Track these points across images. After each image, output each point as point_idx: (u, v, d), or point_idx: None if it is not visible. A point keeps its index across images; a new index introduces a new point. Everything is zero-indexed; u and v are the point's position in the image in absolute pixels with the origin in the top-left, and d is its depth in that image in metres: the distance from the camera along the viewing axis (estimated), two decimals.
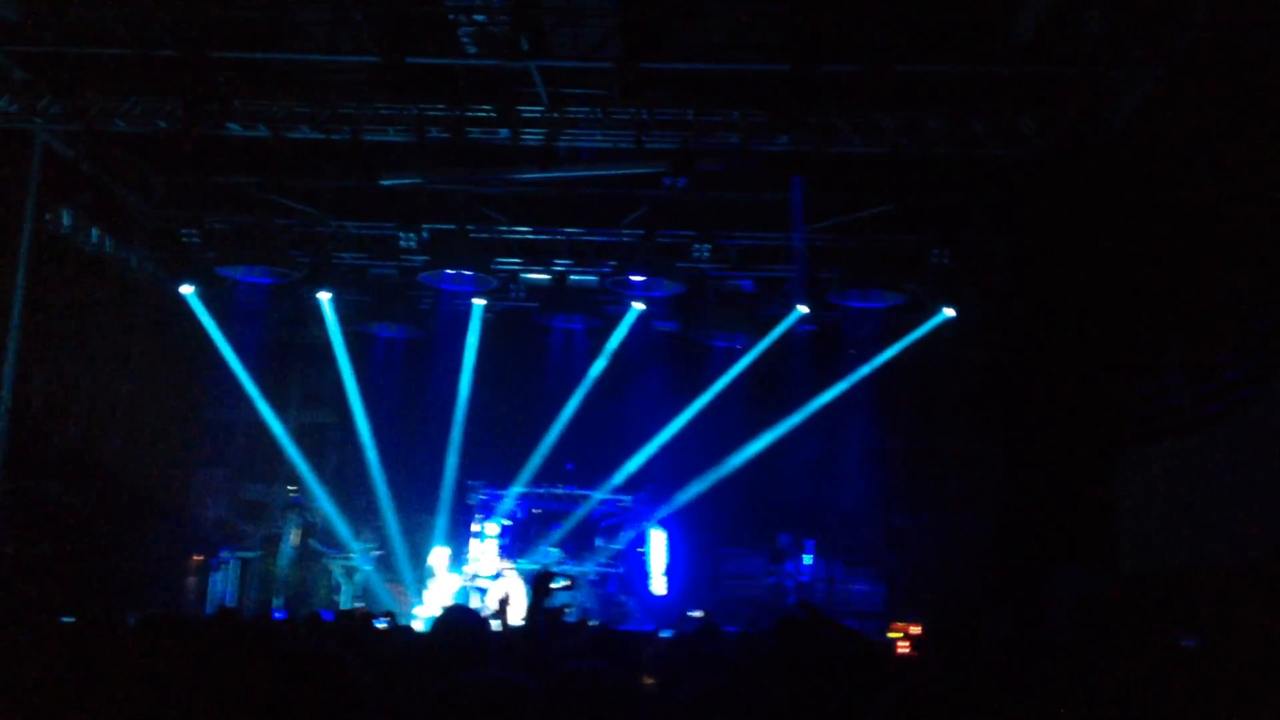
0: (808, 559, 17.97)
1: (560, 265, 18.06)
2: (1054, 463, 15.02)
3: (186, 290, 17.78)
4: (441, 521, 19.32)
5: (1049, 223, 15.28)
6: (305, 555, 17.89)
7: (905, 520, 18.95)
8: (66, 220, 15.68)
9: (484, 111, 14.23)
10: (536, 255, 18.09)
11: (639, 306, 18.60)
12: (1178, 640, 8.87)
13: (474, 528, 18.41)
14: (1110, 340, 14.05)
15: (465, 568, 18.05)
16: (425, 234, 17.47)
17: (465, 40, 13.07)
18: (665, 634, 12.42)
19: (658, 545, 18.96)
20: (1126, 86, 12.65)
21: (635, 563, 18.86)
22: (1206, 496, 11.71)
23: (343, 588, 18.01)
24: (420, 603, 17.78)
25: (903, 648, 13.29)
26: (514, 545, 18.46)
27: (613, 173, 15.50)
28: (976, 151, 13.90)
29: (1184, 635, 9.52)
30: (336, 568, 18.06)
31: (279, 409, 19.60)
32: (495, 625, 6.34)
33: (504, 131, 14.32)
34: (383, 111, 14.30)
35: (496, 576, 17.64)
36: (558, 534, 18.88)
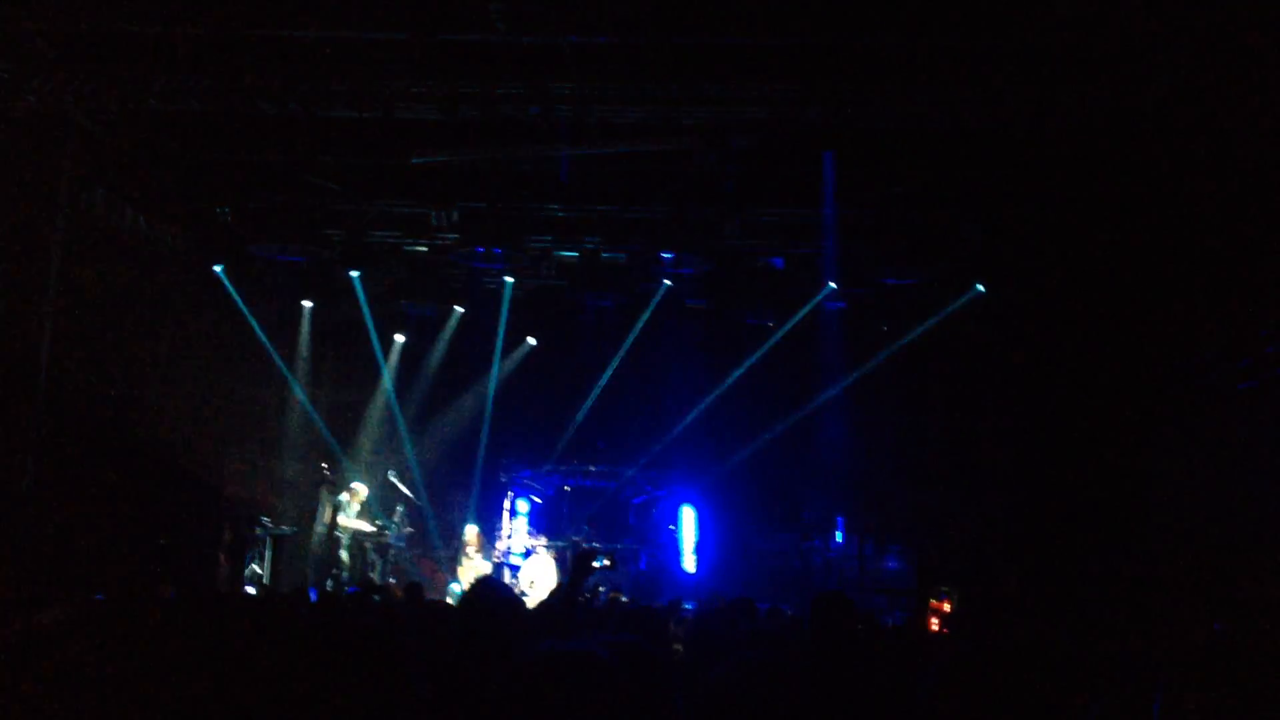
0: (839, 536, 17.93)
1: (591, 242, 18.02)
2: (1088, 439, 14.93)
3: (219, 269, 17.85)
4: (473, 499, 19.40)
5: (1085, 196, 15.14)
6: (338, 532, 17.95)
7: (937, 497, 18.88)
8: (99, 200, 15.73)
9: (515, 88, 14.19)
10: (567, 232, 18.08)
11: (670, 283, 18.58)
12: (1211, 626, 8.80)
13: (505, 505, 18.45)
14: (1146, 315, 13.93)
15: (497, 544, 18.09)
16: (457, 212, 17.46)
17: (495, 16, 13.01)
18: (689, 605, 12.41)
19: (688, 522, 18.97)
20: (1165, 56, 12.48)
21: (667, 540, 18.87)
22: (1243, 473, 11.60)
23: (377, 565, 18.09)
24: (457, 580, 17.86)
25: (934, 625, 13.25)
26: (545, 523, 18.49)
27: (644, 149, 15.41)
28: (1011, 125, 13.74)
29: (1215, 620, 9.45)
30: (370, 545, 18.13)
31: (311, 387, 19.70)
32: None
33: (535, 108, 14.28)
34: (414, 89, 14.26)
35: (528, 554, 17.68)
36: (589, 512, 18.91)
